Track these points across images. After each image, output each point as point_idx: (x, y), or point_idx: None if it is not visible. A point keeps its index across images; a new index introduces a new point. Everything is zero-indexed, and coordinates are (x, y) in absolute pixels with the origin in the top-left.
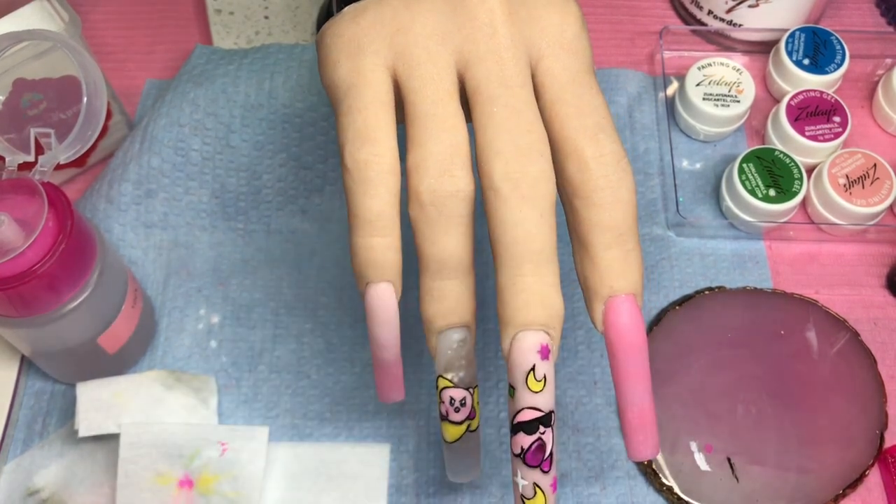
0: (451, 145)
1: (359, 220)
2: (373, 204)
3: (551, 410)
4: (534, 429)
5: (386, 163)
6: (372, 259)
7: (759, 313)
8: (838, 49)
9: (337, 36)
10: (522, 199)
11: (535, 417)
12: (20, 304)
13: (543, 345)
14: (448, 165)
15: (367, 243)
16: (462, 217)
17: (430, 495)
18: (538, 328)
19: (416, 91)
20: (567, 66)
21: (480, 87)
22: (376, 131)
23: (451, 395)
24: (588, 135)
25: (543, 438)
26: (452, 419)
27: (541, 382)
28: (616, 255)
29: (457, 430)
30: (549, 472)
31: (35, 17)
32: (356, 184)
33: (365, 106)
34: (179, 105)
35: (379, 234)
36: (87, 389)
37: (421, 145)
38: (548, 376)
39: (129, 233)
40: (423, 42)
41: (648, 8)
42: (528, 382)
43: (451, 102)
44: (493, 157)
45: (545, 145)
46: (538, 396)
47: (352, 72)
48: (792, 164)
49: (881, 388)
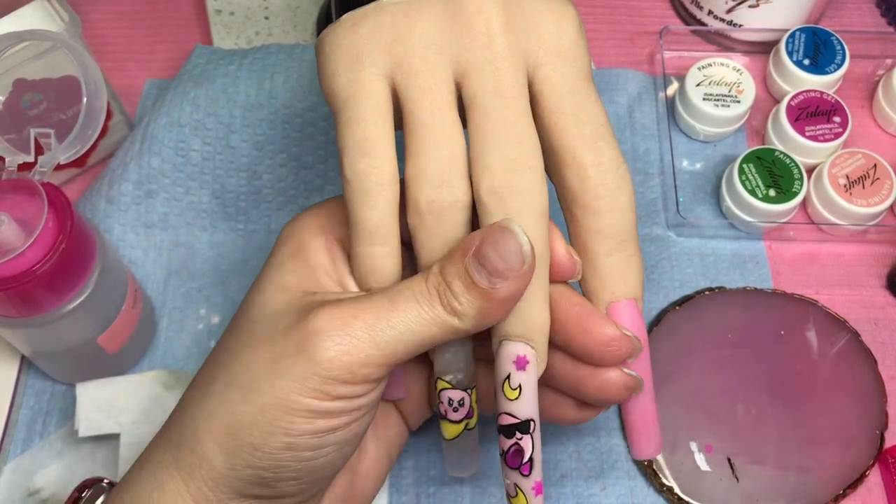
0: (449, 155)
1: (359, 229)
2: (373, 215)
3: (529, 419)
4: (510, 433)
5: (385, 174)
6: (372, 267)
7: (759, 313)
8: (838, 49)
9: (335, 45)
10: (506, 213)
11: (511, 423)
12: (20, 304)
13: (520, 355)
14: (446, 176)
15: (368, 252)
16: (460, 226)
17: (430, 495)
18: (517, 340)
19: (414, 101)
20: (565, 74)
21: (476, 97)
22: (375, 143)
23: (449, 395)
24: (586, 143)
25: (520, 444)
26: (451, 418)
27: (516, 391)
28: (616, 261)
29: (455, 429)
30: (528, 475)
31: (35, 17)
32: (356, 195)
33: (364, 117)
34: (180, 105)
35: (379, 244)
36: (87, 389)
37: (419, 155)
38: (524, 386)
39: (129, 233)
40: (421, 52)
41: (648, 8)
42: (504, 390)
43: (448, 112)
44: (481, 172)
45: (535, 157)
46: (513, 404)
47: (350, 82)
48: (792, 164)
49: (881, 389)
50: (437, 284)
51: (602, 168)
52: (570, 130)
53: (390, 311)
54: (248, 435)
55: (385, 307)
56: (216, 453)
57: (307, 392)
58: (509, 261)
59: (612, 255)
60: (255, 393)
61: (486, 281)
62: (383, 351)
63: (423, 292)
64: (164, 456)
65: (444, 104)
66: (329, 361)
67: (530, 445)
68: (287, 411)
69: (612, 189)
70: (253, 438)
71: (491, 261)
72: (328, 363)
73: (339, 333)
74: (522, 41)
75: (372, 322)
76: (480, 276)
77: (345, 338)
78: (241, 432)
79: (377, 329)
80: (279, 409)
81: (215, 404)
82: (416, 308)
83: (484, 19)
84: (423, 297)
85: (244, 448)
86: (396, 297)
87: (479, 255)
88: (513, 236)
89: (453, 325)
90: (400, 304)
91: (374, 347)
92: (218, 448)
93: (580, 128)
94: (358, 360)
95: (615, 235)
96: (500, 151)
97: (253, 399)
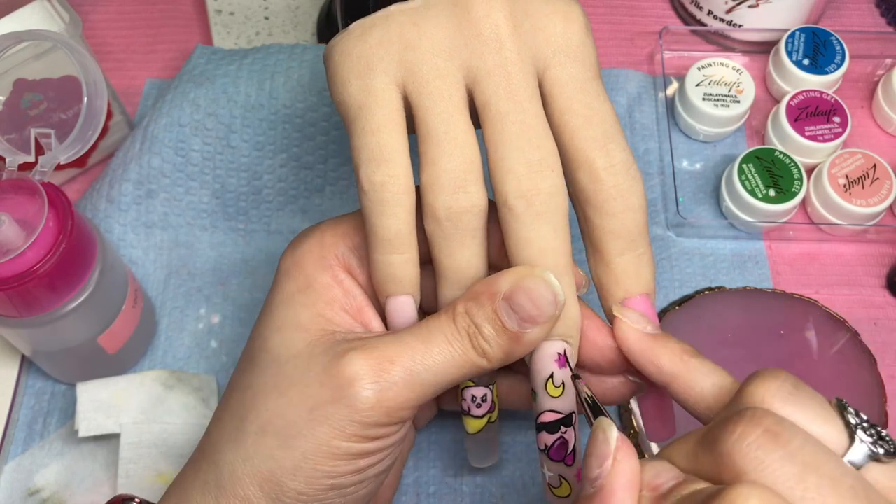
0: (464, 161)
1: (377, 238)
2: (391, 223)
3: (572, 411)
4: (556, 429)
5: (401, 183)
6: (391, 274)
7: (759, 313)
8: (838, 49)
9: (346, 54)
10: (536, 216)
11: (556, 419)
12: (20, 304)
13: (561, 354)
14: (462, 182)
15: (387, 260)
16: (477, 230)
17: (430, 495)
18: (556, 338)
19: (427, 108)
20: (574, 74)
21: (490, 102)
22: (390, 152)
23: (472, 393)
24: (598, 145)
25: (565, 437)
26: (474, 414)
27: (559, 388)
28: (629, 259)
29: (478, 424)
30: (572, 465)
31: (35, 17)
32: (373, 204)
33: (378, 127)
34: (180, 105)
35: (397, 252)
36: (87, 389)
37: (434, 163)
38: (566, 382)
39: (130, 233)
40: (431, 59)
41: (648, 8)
42: (547, 388)
43: (461, 118)
44: (505, 176)
45: (555, 158)
46: (557, 401)
47: (362, 91)
48: (792, 164)
49: (881, 388)
50: (468, 327)
51: (614, 170)
52: (581, 132)
53: (424, 354)
54: (292, 481)
55: (419, 351)
56: (260, 497)
57: (347, 437)
58: (544, 310)
59: (624, 254)
60: (294, 440)
61: (517, 326)
62: (417, 393)
63: (454, 335)
64: (206, 498)
65: (457, 110)
66: (370, 409)
67: (573, 437)
68: (329, 457)
69: (623, 190)
70: (297, 484)
71: (525, 309)
72: (369, 410)
73: (377, 380)
74: (530, 43)
75: (409, 367)
76: (512, 322)
77: (383, 384)
78: (283, 478)
79: (413, 373)
80: (321, 455)
81: (251, 449)
82: (449, 351)
83: (492, 24)
84: (455, 340)
85: (289, 493)
86: (428, 340)
87: (511, 302)
88: (547, 286)
89: (481, 365)
90: (433, 348)
91: (409, 391)
92: (261, 493)
93: (591, 129)
94: (397, 404)
95: (627, 235)
96: (522, 155)
97: (294, 445)
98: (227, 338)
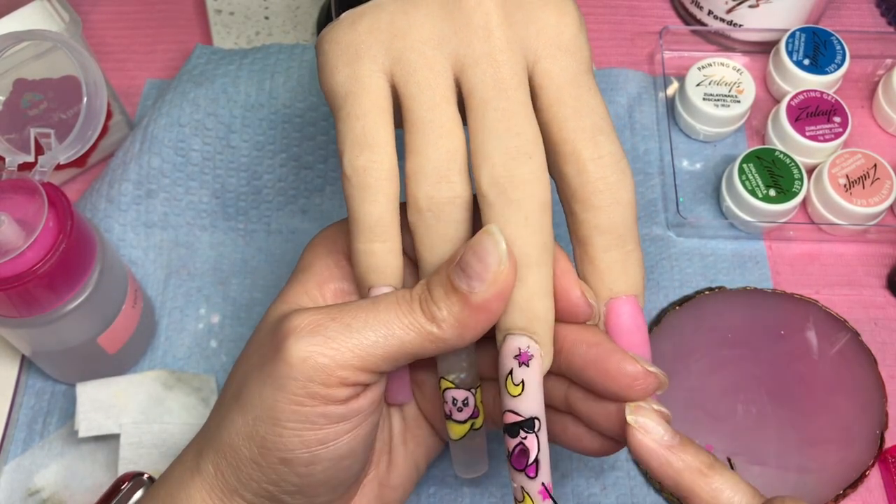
0: (448, 151)
1: (359, 225)
2: (372, 210)
3: (534, 416)
4: (514, 432)
5: (384, 169)
6: (373, 264)
7: (759, 313)
8: (838, 49)
9: (335, 42)
10: (507, 204)
11: (515, 421)
12: (20, 304)
13: (523, 350)
14: (445, 172)
15: (368, 248)
16: (459, 222)
17: (430, 495)
18: (519, 333)
19: (413, 97)
20: (565, 67)
21: (475, 90)
22: (375, 138)
23: (453, 395)
24: (586, 136)
25: (525, 444)
26: (456, 418)
27: (518, 387)
28: (615, 256)
29: (461, 429)
30: (534, 478)
31: (35, 17)
32: (356, 190)
33: (363, 113)
34: (180, 105)
35: (379, 240)
36: (87, 389)
37: (418, 152)
38: (527, 381)
39: (130, 233)
40: (420, 47)
41: (648, 8)
42: (507, 386)
43: (447, 108)
44: (481, 163)
45: (536, 146)
46: (516, 401)
47: (350, 78)
48: (792, 164)
49: (881, 389)
50: (421, 292)
51: (601, 162)
52: (570, 123)
53: (369, 313)
54: (248, 449)
55: (364, 309)
56: (225, 466)
57: (287, 399)
58: (485, 259)
59: (610, 250)
60: (248, 405)
61: (465, 285)
62: (359, 353)
63: (405, 298)
64: (189, 461)
65: (443, 100)
66: (302, 361)
67: (535, 445)
68: (274, 422)
69: (611, 183)
70: (252, 453)
71: (470, 265)
72: (301, 363)
73: (313, 333)
74: (521, 35)
75: (348, 322)
76: (460, 281)
77: (317, 337)
78: (240, 446)
79: (353, 329)
80: (268, 420)
81: (224, 416)
82: (396, 311)
83: (483, 13)
84: (404, 301)
85: (245, 463)
86: (377, 301)
87: (461, 262)
88: (489, 236)
89: (432, 331)
90: (380, 307)
91: (349, 349)
92: (225, 462)
93: (579, 121)
94: (334, 361)
95: (614, 230)
96: (500, 142)
97: (247, 409)
98: (226, 338)
